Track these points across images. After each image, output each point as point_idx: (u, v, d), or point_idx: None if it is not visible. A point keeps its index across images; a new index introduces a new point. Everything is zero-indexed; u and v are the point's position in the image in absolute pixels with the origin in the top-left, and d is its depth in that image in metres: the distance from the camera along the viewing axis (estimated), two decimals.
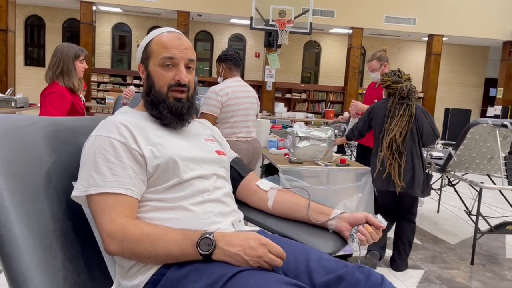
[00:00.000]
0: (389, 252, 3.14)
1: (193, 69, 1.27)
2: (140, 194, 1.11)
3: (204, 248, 0.98)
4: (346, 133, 3.29)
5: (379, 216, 1.27)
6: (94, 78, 11.65)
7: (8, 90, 7.32)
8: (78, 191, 1.07)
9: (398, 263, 3.04)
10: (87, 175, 1.07)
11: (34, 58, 13.19)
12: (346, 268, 1.05)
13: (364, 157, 3.70)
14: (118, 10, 12.41)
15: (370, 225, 1.24)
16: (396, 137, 2.79)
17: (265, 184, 1.41)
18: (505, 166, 3.10)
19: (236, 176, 1.41)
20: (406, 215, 3.02)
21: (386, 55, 3.66)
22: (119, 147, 1.10)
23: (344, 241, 1.30)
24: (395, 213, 3.05)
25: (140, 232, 1.02)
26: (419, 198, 3.75)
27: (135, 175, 1.10)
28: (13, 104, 6.07)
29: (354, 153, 5.22)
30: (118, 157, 1.09)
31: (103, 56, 13.21)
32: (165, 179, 1.13)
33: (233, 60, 3.09)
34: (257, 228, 1.29)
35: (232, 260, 0.97)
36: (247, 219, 1.36)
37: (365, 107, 3.43)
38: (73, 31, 12.86)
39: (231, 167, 1.39)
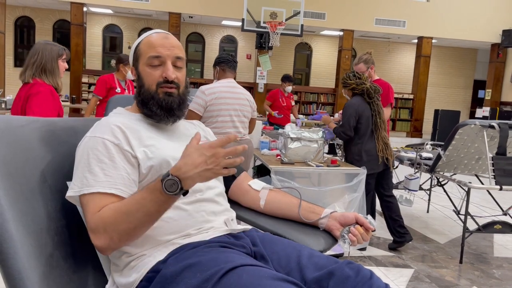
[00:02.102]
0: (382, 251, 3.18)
1: (182, 67, 1.27)
2: (130, 194, 1.11)
3: (172, 188, 0.97)
4: (337, 133, 3.38)
5: (369, 217, 1.29)
6: (85, 79, 11.58)
7: None
8: (72, 192, 1.09)
9: (408, 234, 3.40)
10: (81, 176, 1.09)
11: (24, 59, 13.04)
12: (336, 264, 1.08)
13: None
14: (109, 11, 12.37)
15: (360, 225, 1.27)
16: (386, 128, 3.38)
17: (257, 184, 1.43)
18: (493, 166, 3.16)
19: (229, 176, 1.42)
20: (390, 191, 3.45)
21: (372, 58, 3.78)
22: (112, 148, 1.11)
23: (334, 239, 1.33)
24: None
25: (112, 211, 1.02)
26: (409, 199, 3.83)
27: (128, 176, 1.11)
28: (3, 106, 6.05)
29: None
30: (111, 158, 1.10)
31: (94, 58, 13.14)
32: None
33: (225, 62, 3.15)
34: (250, 227, 1.31)
35: (202, 178, 0.98)
36: (239, 218, 1.39)
37: (331, 121, 3.75)
38: (64, 32, 12.79)
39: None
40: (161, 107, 1.22)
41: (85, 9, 10.90)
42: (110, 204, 1.06)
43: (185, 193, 1.00)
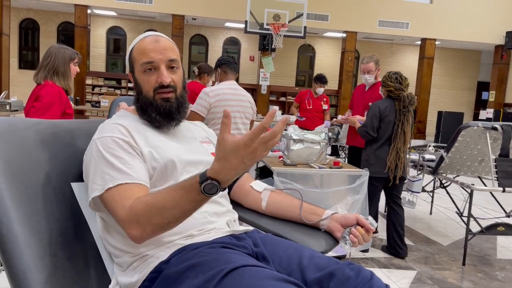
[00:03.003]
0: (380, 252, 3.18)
1: (178, 68, 1.25)
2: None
3: (211, 191, 0.94)
4: (360, 133, 3.36)
5: (370, 218, 1.29)
6: (88, 81, 11.64)
7: (3, 94, 7.31)
8: (97, 191, 1.06)
9: (404, 250, 3.30)
10: (101, 174, 1.08)
11: (28, 61, 13.17)
12: (337, 265, 1.08)
13: (356, 158, 3.75)
14: (113, 13, 12.43)
15: (361, 226, 1.28)
16: (407, 141, 3.25)
17: (259, 185, 1.44)
18: (496, 168, 3.15)
19: None
20: (398, 199, 3.38)
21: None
22: (124, 144, 1.12)
23: (335, 240, 1.34)
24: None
25: (145, 205, 1.00)
26: (412, 200, 3.83)
27: (145, 168, 1.12)
28: (7, 108, 6.08)
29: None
30: (126, 153, 1.11)
31: (98, 60, 13.20)
32: (162, 181, 1.15)
33: (227, 64, 3.18)
34: (251, 228, 1.32)
35: (239, 173, 0.95)
36: (241, 219, 1.40)
37: (357, 121, 3.55)
38: (68, 35, 12.86)
39: None
40: (160, 113, 1.22)
41: (89, 11, 10.96)
42: (140, 196, 1.04)
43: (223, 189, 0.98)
